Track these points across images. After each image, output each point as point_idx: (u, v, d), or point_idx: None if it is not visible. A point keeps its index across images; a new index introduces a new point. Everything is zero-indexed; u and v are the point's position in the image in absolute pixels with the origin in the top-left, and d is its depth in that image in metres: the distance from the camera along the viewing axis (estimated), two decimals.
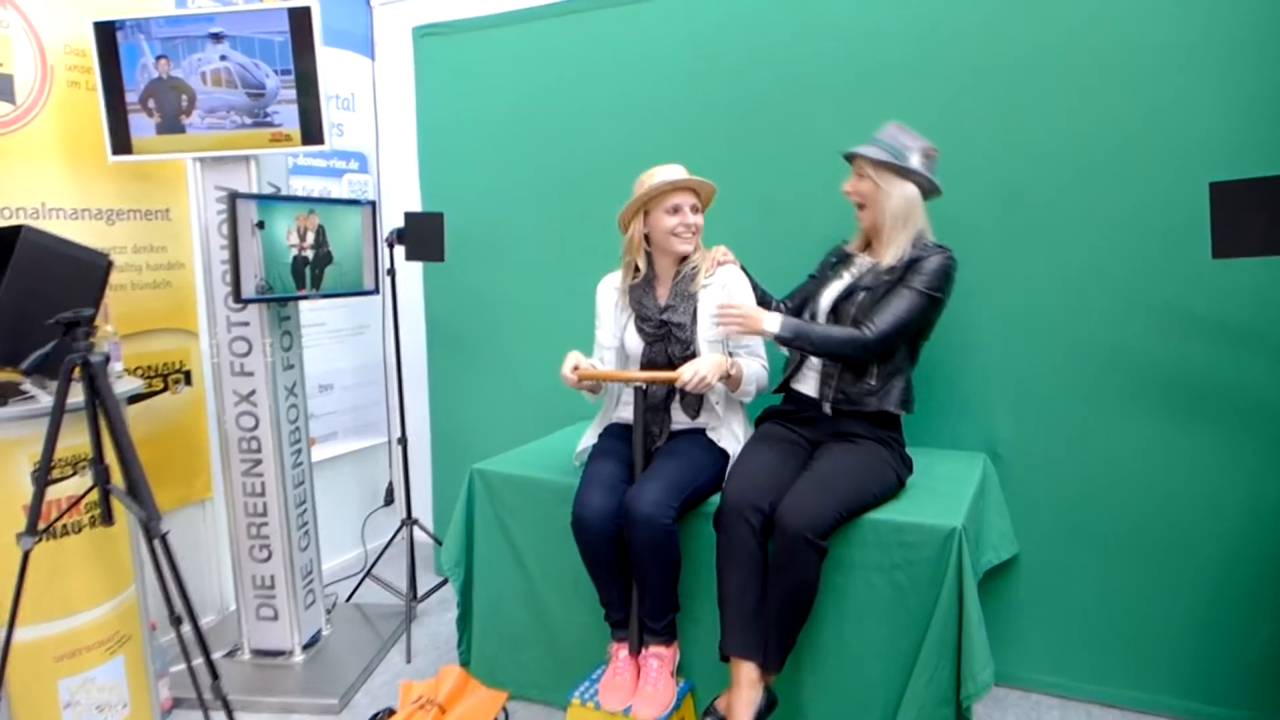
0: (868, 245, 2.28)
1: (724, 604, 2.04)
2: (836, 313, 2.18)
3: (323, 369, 3.44)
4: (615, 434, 2.37)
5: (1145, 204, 2.27)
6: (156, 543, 1.93)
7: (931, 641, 1.93)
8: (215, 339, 2.58)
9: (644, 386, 2.19)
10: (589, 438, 2.42)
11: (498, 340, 3.29)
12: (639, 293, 2.30)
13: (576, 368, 2.20)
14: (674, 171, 2.23)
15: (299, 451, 2.73)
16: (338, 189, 3.44)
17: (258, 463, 2.62)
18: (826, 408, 2.20)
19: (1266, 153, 2.09)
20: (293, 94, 2.41)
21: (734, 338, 2.24)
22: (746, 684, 1.98)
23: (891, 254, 2.12)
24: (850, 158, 2.20)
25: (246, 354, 2.57)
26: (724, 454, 2.25)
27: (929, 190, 2.16)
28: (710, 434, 2.28)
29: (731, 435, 2.29)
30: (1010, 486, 2.46)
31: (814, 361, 2.24)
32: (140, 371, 2.71)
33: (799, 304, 2.36)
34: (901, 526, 1.98)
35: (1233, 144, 2.15)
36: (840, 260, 2.31)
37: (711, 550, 2.09)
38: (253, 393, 2.59)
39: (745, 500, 2.01)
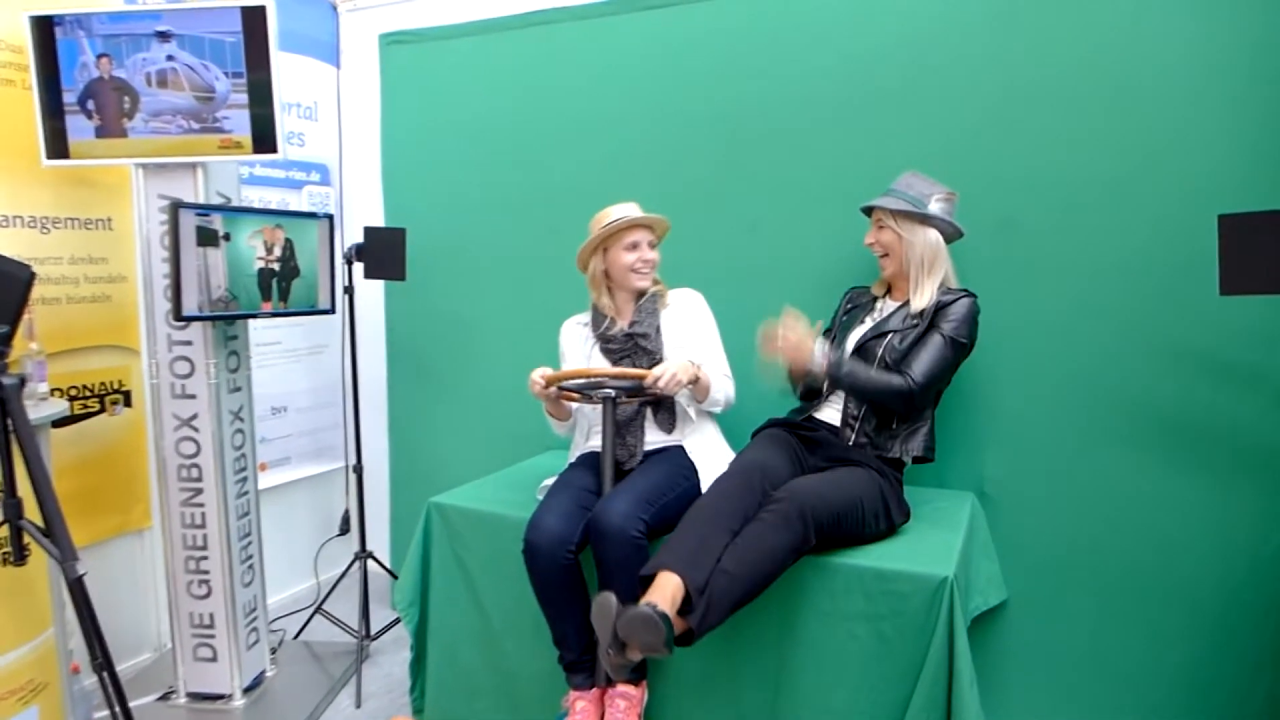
0: (887, 290, 2.26)
1: (684, 527, 1.84)
2: (862, 352, 2.12)
3: (277, 390, 3.26)
4: (585, 462, 2.27)
5: (1143, 237, 2.18)
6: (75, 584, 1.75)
7: (920, 699, 1.79)
8: (155, 358, 2.40)
9: (614, 396, 2.10)
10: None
11: (463, 363, 3.14)
12: (601, 319, 2.32)
13: (545, 376, 2.15)
14: (630, 209, 2.25)
15: (244, 480, 2.55)
16: (297, 201, 3.28)
17: (198, 492, 2.43)
18: (850, 439, 2.11)
19: (1273, 185, 2.00)
20: (244, 99, 2.26)
21: (698, 348, 2.23)
22: (670, 595, 1.68)
23: (921, 300, 2.09)
24: (869, 210, 2.18)
25: (189, 375, 2.39)
26: (694, 472, 2.16)
27: (951, 235, 2.14)
28: (687, 444, 2.21)
29: (707, 447, 2.23)
30: (998, 528, 2.35)
31: (835, 401, 2.18)
32: (76, 391, 2.52)
33: None
34: (887, 574, 1.84)
35: (1237, 176, 2.06)
36: (859, 306, 2.27)
37: None
38: (194, 416, 2.41)
39: (757, 467, 1.93)
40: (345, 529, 3.56)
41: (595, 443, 2.30)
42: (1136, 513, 2.23)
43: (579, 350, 2.35)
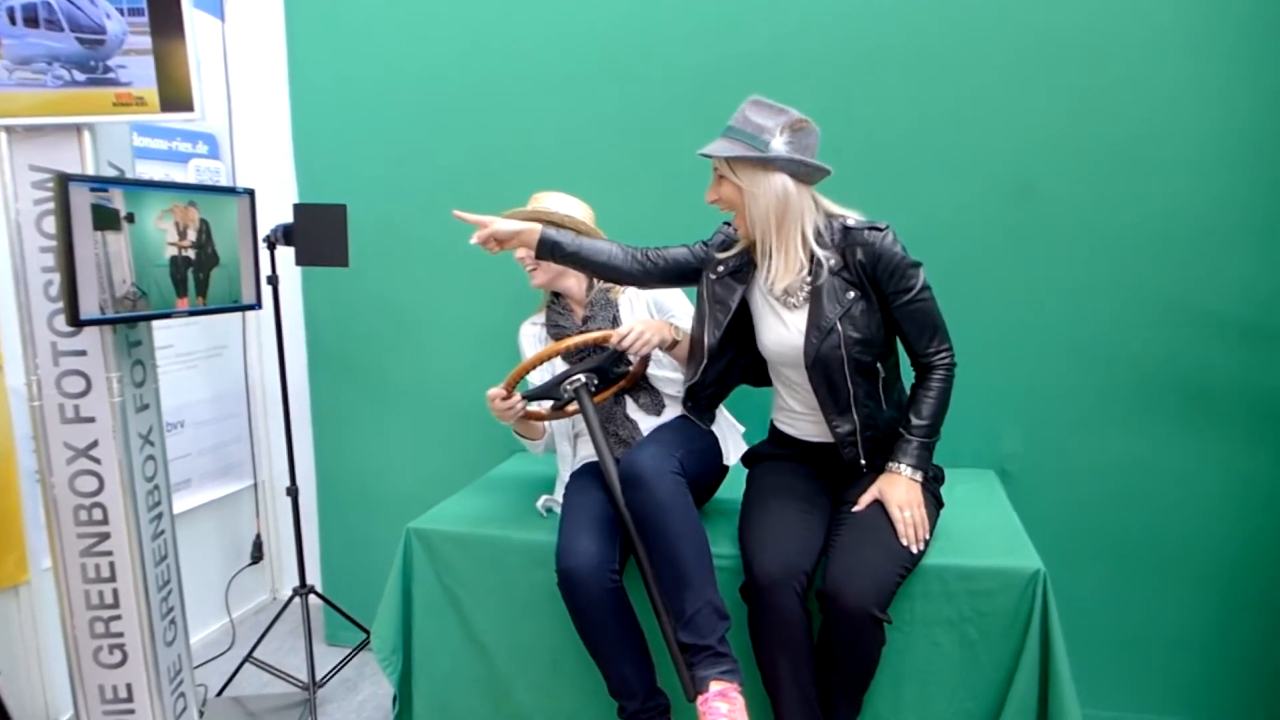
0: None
1: (777, 688, 1.64)
2: (824, 367, 1.71)
3: (171, 403, 2.74)
4: (590, 476, 1.98)
5: (1162, 202, 2.10)
6: None
7: (1012, 709, 1.64)
8: (36, 374, 1.89)
9: (585, 383, 1.90)
10: (558, 490, 2.01)
11: (402, 361, 2.74)
12: (555, 316, 2.13)
13: (503, 386, 1.90)
14: (539, 201, 2.10)
15: (159, 518, 2.08)
16: (183, 178, 2.75)
17: (104, 538, 1.95)
18: (862, 464, 1.77)
19: None
20: (147, 41, 1.79)
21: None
22: None
23: (789, 265, 1.71)
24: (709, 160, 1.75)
25: (83, 393, 1.90)
26: (708, 430, 1.99)
27: (809, 174, 1.69)
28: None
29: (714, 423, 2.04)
30: (1018, 504, 2.23)
31: (800, 394, 1.82)
32: None
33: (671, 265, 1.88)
34: (971, 572, 1.67)
35: (1260, 137, 2.01)
36: (769, 302, 1.80)
37: None
38: (94, 444, 1.92)
39: (786, 568, 1.61)
40: (257, 557, 3.10)
41: (587, 451, 2.06)
42: (1158, 485, 2.19)
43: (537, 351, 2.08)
